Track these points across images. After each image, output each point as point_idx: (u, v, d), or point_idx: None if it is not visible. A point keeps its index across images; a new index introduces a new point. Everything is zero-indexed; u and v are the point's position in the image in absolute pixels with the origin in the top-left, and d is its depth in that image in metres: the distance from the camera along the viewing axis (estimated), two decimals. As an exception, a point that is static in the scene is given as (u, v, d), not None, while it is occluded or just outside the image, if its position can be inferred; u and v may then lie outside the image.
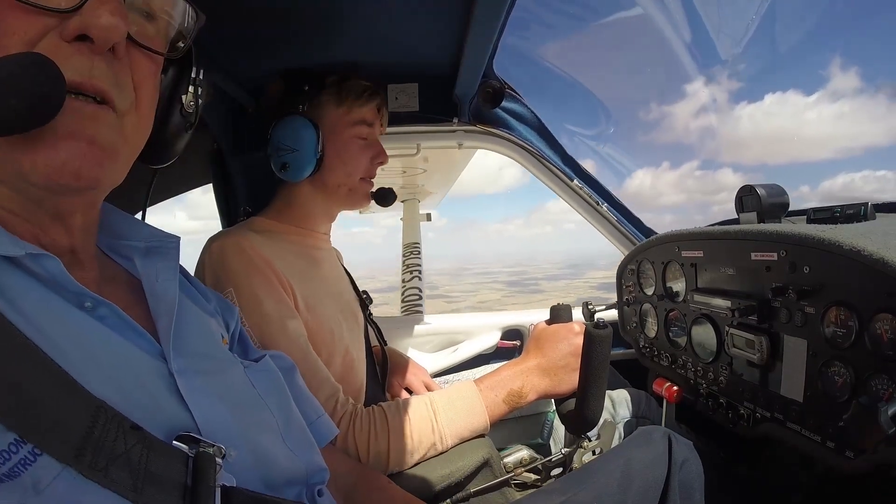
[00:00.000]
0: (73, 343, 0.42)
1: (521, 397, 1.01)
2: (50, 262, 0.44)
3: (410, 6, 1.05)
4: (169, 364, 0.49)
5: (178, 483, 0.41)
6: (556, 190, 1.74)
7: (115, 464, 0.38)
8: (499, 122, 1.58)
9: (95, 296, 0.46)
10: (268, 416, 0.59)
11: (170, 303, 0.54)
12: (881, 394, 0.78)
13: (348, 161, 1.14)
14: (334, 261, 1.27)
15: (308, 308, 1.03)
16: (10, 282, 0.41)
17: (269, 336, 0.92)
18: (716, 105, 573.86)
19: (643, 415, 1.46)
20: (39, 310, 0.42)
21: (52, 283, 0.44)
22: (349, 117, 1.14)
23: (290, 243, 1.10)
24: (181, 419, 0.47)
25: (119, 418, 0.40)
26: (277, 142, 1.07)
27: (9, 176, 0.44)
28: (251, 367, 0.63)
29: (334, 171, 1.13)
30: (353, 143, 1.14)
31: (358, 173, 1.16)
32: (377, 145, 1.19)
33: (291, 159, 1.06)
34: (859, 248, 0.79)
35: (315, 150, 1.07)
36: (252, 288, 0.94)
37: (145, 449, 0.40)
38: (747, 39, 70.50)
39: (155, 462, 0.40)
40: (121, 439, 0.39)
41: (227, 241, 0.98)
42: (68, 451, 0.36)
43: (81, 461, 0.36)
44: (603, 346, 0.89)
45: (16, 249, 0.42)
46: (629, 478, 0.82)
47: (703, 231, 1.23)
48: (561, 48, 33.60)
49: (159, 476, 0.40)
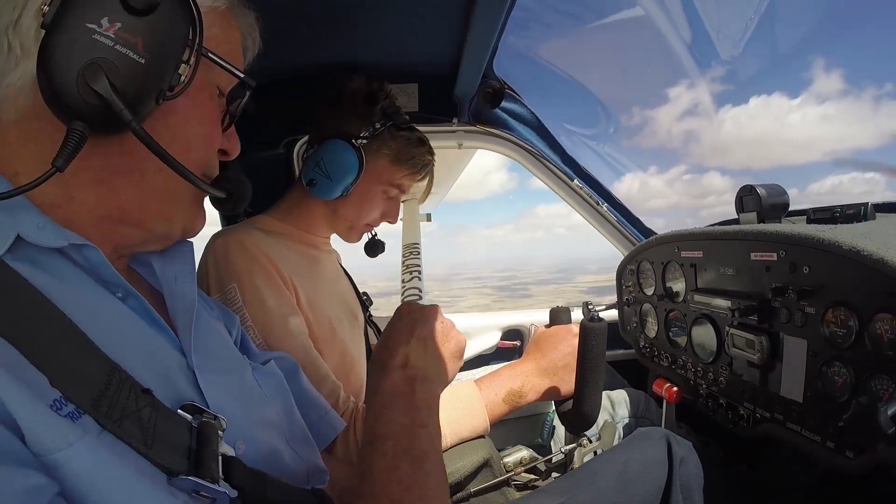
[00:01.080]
0: (104, 322, 0.46)
1: (520, 397, 1.01)
2: (92, 251, 0.47)
3: (410, 6, 1.05)
4: (188, 359, 0.52)
5: (184, 445, 0.44)
6: (557, 190, 1.74)
7: (128, 418, 0.41)
8: (499, 122, 1.58)
9: (128, 286, 0.50)
10: (274, 415, 0.62)
11: (188, 302, 0.57)
12: (881, 394, 0.78)
13: (365, 208, 1.14)
14: (334, 262, 1.27)
15: (310, 306, 1.03)
16: (55, 268, 0.46)
17: (272, 332, 0.93)
18: (701, 109, 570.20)
19: (642, 415, 1.47)
20: (78, 292, 0.46)
21: (92, 272, 0.48)
22: (394, 178, 1.13)
23: (292, 242, 1.11)
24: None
25: (131, 381, 0.43)
26: (319, 157, 1.05)
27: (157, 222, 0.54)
28: (258, 368, 0.66)
29: (349, 207, 1.12)
30: (379, 195, 1.15)
31: (367, 220, 1.17)
32: (396, 205, 1.20)
33: (322, 182, 1.05)
34: (859, 248, 0.79)
35: (348, 187, 1.07)
36: (255, 284, 0.94)
37: (154, 411, 0.43)
38: (742, 42, 69.03)
39: (162, 424, 0.43)
40: (132, 399, 0.42)
41: (231, 238, 0.98)
42: (87, 400, 0.39)
43: (98, 410, 0.39)
44: (598, 339, 0.89)
45: (60, 240, 0.46)
46: (628, 478, 0.82)
47: (703, 231, 1.24)
48: (561, 48, 34.01)
49: (167, 436, 0.43)
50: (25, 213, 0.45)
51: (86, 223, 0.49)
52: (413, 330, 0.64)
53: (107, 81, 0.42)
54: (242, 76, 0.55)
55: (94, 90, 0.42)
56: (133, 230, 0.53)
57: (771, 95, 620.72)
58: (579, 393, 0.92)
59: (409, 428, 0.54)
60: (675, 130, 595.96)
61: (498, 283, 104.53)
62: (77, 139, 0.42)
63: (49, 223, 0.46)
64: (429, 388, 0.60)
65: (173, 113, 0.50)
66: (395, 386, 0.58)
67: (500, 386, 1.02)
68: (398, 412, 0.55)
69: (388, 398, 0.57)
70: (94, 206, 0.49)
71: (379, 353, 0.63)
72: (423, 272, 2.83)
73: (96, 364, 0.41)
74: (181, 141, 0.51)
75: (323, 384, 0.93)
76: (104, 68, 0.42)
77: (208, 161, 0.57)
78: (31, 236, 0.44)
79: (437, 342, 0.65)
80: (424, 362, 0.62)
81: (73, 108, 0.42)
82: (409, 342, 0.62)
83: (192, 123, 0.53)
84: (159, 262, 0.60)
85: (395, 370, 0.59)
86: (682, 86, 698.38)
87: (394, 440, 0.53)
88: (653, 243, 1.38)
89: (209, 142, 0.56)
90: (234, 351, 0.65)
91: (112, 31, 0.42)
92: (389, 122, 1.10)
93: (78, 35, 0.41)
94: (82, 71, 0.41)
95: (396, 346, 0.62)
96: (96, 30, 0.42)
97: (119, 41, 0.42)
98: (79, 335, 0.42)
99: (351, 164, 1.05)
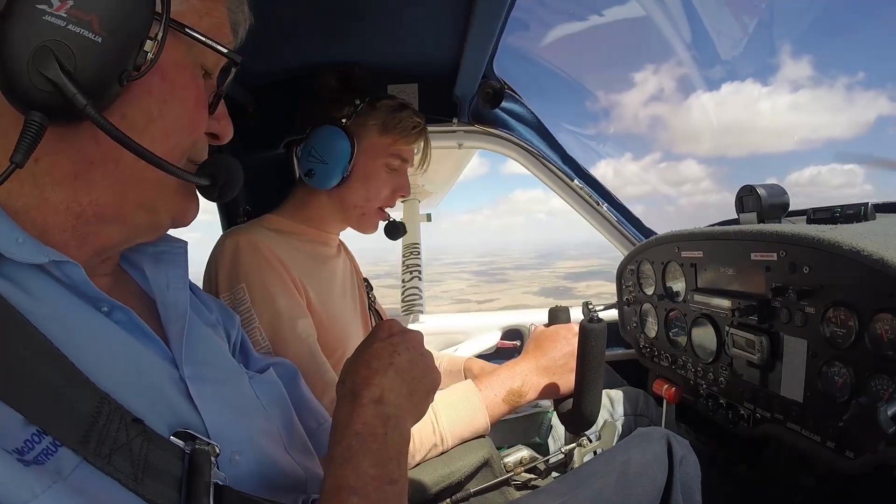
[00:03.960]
0: (88, 341, 0.44)
1: (520, 396, 1.01)
2: (72, 268, 0.45)
3: (410, 6, 1.05)
4: (180, 370, 0.50)
5: (175, 476, 0.43)
6: (557, 190, 1.74)
7: (117, 453, 0.39)
8: (499, 122, 1.58)
9: (112, 300, 0.48)
10: (271, 425, 0.60)
11: (181, 310, 0.55)
12: (881, 394, 0.78)
13: (371, 187, 1.13)
14: (344, 259, 1.27)
15: (320, 306, 1.03)
16: (35, 285, 0.43)
17: (280, 333, 0.92)
18: (672, 95, 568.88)
19: (641, 412, 1.47)
20: (60, 311, 0.44)
21: (74, 288, 0.46)
22: (389, 149, 1.13)
23: (301, 242, 1.11)
24: (191, 421, 0.48)
25: (121, 410, 0.41)
26: (310, 147, 1.06)
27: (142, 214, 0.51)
28: (256, 377, 0.64)
29: (355, 191, 1.12)
30: (382, 171, 1.13)
31: (377, 201, 1.15)
32: (404, 178, 1.18)
33: (319, 169, 1.06)
34: (859, 248, 0.79)
35: (345, 167, 1.06)
36: (265, 284, 0.94)
37: (145, 441, 0.41)
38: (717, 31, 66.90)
39: (154, 454, 0.42)
40: (123, 430, 0.40)
41: (241, 239, 0.98)
42: (74, 437, 0.37)
43: (87, 447, 0.38)
44: (597, 340, 0.89)
45: (40, 257, 0.43)
46: (628, 478, 0.82)
47: (703, 231, 1.24)
48: (561, 48, 33.57)
49: (158, 468, 0.41)
50: (3, 226, 0.42)
51: (63, 227, 0.46)
52: (392, 358, 0.57)
53: (57, 66, 0.38)
54: (225, 51, 0.51)
55: (46, 76, 0.38)
56: (114, 227, 0.49)
57: (744, 82, 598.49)
58: (579, 394, 0.92)
59: (378, 482, 0.48)
60: (646, 117, 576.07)
61: (477, 268, 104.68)
62: (35, 131, 0.39)
63: (28, 238, 0.43)
64: (401, 430, 0.54)
65: (147, 94, 0.46)
66: (367, 425, 0.51)
67: (499, 386, 1.02)
68: (368, 460, 0.49)
69: (359, 441, 0.50)
70: (70, 204, 0.46)
71: (351, 378, 0.56)
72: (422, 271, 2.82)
73: (84, 395, 0.39)
74: (158, 125, 0.47)
75: (328, 390, 0.93)
76: (55, 51, 0.39)
77: (193, 146, 0.53)
78: (10, 252, 0.41)
79: (414, 377, 0.58)
80: (400, 399, 0.55)
81: (27, 98, 0.39)
82: (386, 372, 0.55)
83: (170, 105, 0.48)
84: (151, 267, 0.58)
85: (368, 406, 0.52)
86: (651, 71, 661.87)
87: (360, 496, 0.47)
88: (653, 243, 1.38)
89: (192, 125, 0.51)
90: (230, 360, 0.63)
91: (63, 9, 0.39)
92: (367, 96, 1.10)
93: (27, 18, 0.38)
94: (32, 56, 0.38)
95: (372, 374, 0.55)
96: (47, 10, 0.38)
97: (71, 20, 0.39)
98: (64, 362, 0.39)
99: (342, 144, 1.05)
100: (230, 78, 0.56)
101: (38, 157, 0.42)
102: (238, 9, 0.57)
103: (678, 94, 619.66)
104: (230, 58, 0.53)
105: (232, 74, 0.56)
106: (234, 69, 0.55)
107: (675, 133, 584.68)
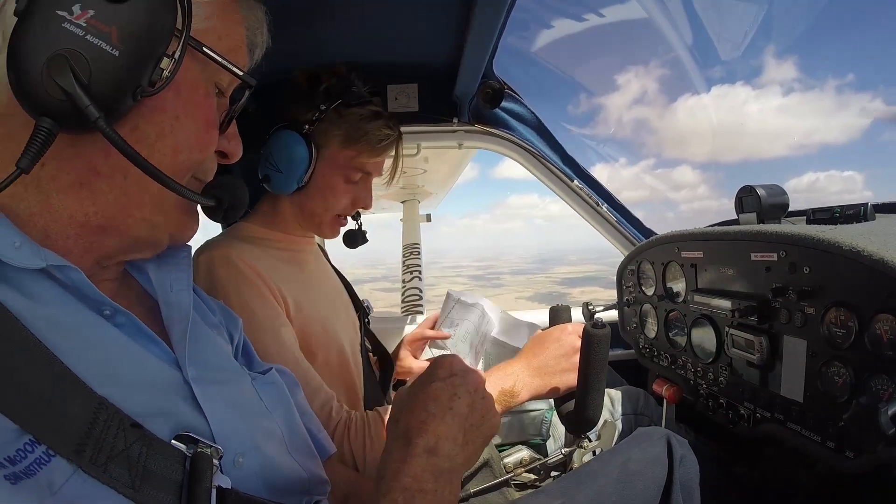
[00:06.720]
0: (89, 345, 0.43)
1: (513, 396, 1.01)
2: (73, 272, 0.45)
3: (410, 6, 1.05)
4: (184, 372, 0.50)
5: (175, 482, 0.42)
6: (556, 190, 1.74)
7: (114, 460, 0.38)
8: (499, 122, 1.58)
9: (114, 304, 0.47)
10: (274, 426, 0.60)
11: (184, 312, 0.55)
12: (881, 394, 0.78)
13: (329, 198, 1.08)
14: (321, 259, 1.25)
15: (298, 310, 1.02)
16: (36, 289, 0.43)
17: (263, 345, 0.90)
18: (663, 100, 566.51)
19: (641, 411, 1.47)
20: (60, 314, 0.43)
21: (76, 291, 0.45)
22: (351, 161, 1.07)
23: (276, 249, 1.09)
24: (195, 424, 0.48)
25: (120, 415, 0.40)
26: (269, 152, 1.02)
27: (143, 229, 0.50)
28: (258, 378, 0.64)
29: (314, 199, 1.08)
30: (341, 182, 1.08)
31: (335, 210, 1.11)
32: (365, 190, 1.12)
33: (274, 176, 1.02)
34: (859, 248, 0.79)
35: (301, 177, 1.02)
36: (243, 299, 0.93)
37: (144, 447, 0.41)
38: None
39: (153, 460, 0.41)
40: (121, 436, 0.39)
41: (215, 254, 0.96)
42: (69, 446, 0.37)
43: (82, 456, 0.37)
44: (601, 345, 0.89)
45: (37, 261, 0.42)
46: (628, 478, 0.82)
47: (703, 231, 1.24)
48: (561, 49, 33.63)
49: (157, 474, 0.41)
50: (1, 229, 0.42)
51: (66, 234, 0.46)
52: (452, 402, 0.52)
53: (71, 75, 0.38)
54: (241, 74, 0.51)
55: (59, 85, 0.38)
56: (115, 239, 0.49)
57: (734, 85, 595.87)
58: (582, 396, 0.92)
59: None
60: (639, 123, 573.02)
61: (474, 272, 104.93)
62: (43, 137, 0.39)
63: (26, 242, 0.42)
64: (453, 486, 0.50)
65: (160, 110, 0.46)
66: (417, 479, 0.47)
67: (491, 387, 1.01)
68: None
69: (406, 497, 0.46)
70: (73, 213, 0.45)
71: (405, 419, 0.52)
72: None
73: (80, 400, 0.39)
74: (168, 141, 0.47)
75: (315, 396, 0.92)
76: (71, 60, 0.38)
77: (201, 164, 0.53)
78: (7, 256, 0.41)
79: (472, 423, 0.53)
80: (455, 450, 0.50)
81: (39, 104, 0.39)
82: (444, 418, 0.51)
83: (182, 123, 0.48)
84: (154, 268, 0.58)
85: (420, 456, 0.48)
86: (641, 74, 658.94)
87: None
88: (653, 243, 1.38)
89: (202, 144, 0.51)
90: (232, 361, 0.63)
91: (83, 18, 0.39)
92: (336, 101, 1.03)
93: (46, 23, 0.38)
94: (47, 63, 0.38)
95: (429, 419, 0.50)
96: (66, 17, 0.38)
97: (90, 31, 0.39)
98: (60, 367, 0.39)
99: (299, 152, 1.01)
100: (243, 100, 0.56)
101: (44, 161, 0.41)
102: (257, 30, 0.57)
103: (678, 93, 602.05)
104: (245, 81, 0.53)
105: (246, 96, 0.56)
106: (248, 91, 0.55)
107: (672, 138, 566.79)
